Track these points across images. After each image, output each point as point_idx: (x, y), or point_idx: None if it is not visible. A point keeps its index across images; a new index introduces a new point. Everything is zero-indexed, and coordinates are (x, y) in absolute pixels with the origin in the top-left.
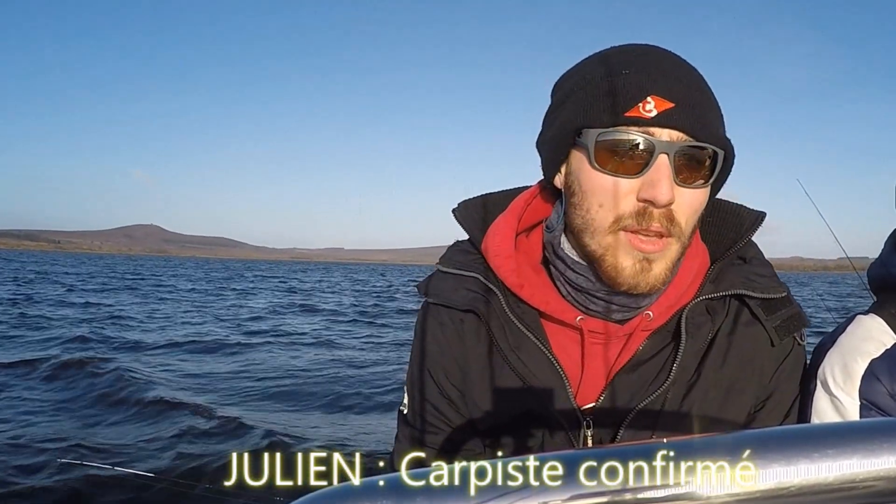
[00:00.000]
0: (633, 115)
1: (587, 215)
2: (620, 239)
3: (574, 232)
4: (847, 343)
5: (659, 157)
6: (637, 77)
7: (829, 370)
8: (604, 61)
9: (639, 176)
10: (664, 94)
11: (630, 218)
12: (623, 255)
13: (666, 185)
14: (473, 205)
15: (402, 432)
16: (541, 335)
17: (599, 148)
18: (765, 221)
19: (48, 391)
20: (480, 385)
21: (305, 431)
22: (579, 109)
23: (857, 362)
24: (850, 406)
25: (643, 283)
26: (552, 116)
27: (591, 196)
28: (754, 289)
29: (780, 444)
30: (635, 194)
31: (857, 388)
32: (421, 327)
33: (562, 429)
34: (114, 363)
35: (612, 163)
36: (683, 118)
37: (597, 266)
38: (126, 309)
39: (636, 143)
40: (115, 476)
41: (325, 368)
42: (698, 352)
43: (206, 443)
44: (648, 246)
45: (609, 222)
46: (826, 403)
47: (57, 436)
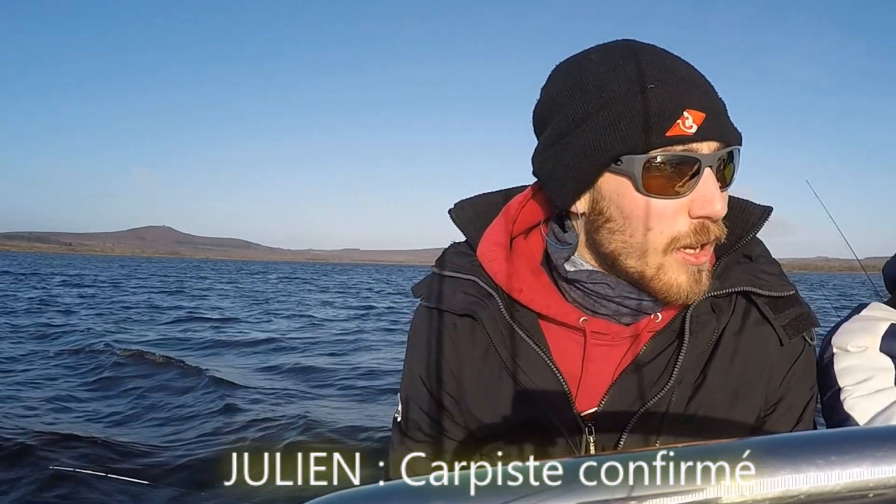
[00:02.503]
0: (675, 133)
1: (631, 240)
2: (675, 257)
3: (605, 253)
4: (867, 314)
5: (705, 172)
6: (666, 91)
7: (847, 335)
8: (618, 73)
9: (688, 194)
10: (696, 105)
11: (689, 237)
12: (678, 272)
13: (720, 200)
14: (470, 205)
15: (396, 440)
16: (540, 340)
17: (648, 173)
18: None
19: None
20: (476, 392)
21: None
22: (613, 133)
23: (878, 325)
24: (874, 355)
25: (696, 292)
26: (566, 139)
27: (637, 221)
28: (761, 286)
29: (788, 451)
30: (686, 212)
31: (878, 345)
32: (415, 331)
33: (562, 435)
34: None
35: (660, 185)
36: (718, 128)
37: (644, 283)
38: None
39: (684, 162)
40: (106, 481)
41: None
42: (703, 351)
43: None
44: (703, 258)
45: (663, 244)
46: (850, 360)
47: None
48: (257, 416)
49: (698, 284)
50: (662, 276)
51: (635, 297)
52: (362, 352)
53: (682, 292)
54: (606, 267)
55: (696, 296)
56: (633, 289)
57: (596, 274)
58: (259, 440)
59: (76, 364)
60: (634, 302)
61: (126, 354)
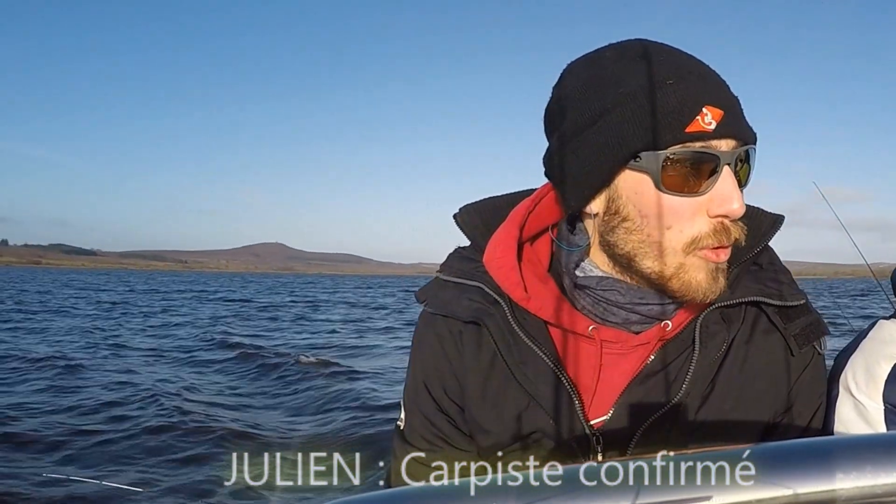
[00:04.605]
0: (694, 129)
1: (649, 239)
2: (696, 256)
3: (621, 255)
4: (870, 347)
5: (724, 170)
6: (684, 87)
7: (851, 375)
8: (635, 69)
9: (706, 192)
10: (714, 101)
11: (709, 237)
12: (698, 271)
13: (738, 198)
14: (475, 210)
15: (398, 448)
16: (548, 347)
17: (667, 170)
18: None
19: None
20: (482, 400)
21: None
22: (632, 128)
23: (880, 366)
24: (875, 410)
25: (715, 292)
26: (583, 136)
27: (655, 219)
28: (771, 296)
29: (794, 458)
30: (705, 211)
31: (880, 391)
32: (418, 338)
33: (570, 444)
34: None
35: (679, 183)
36: (736, 125)
37: (662, 283)
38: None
39: (704, 159)
40: (98, 490)
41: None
42: (713, 362)
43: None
44: (723, 256)
45: (684, 244)
46: (849, 409)
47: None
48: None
49: (716, 283)
50: (682, 275)
51: (646, 302)
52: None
53: (701, 290)
54: (620, 269)
55: (714, 294)
56: (644, 294)
57: (606, 280)
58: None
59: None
60: (645, 308)
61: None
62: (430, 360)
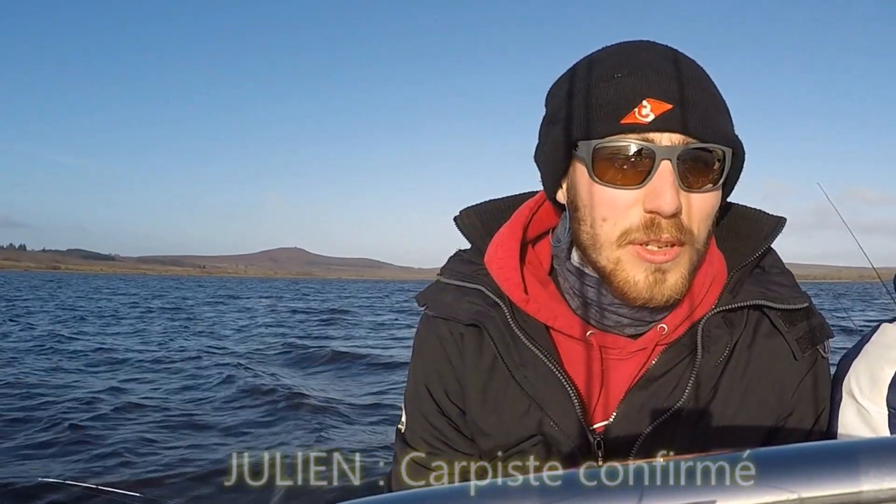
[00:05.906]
0: (629, 121)
1: (592, 230)
2: (630, 252)
3: (581, 247)
4: (873, 351)
5: (661, 164)
6: (631, 80)
7: (854, 379)
8: (594, 66)
9: (642, 186)
10: (660, 95)
11: (638, 231)
12: (634, 268)
13: (670, 194)
14: (476, 212)
15: (399, 451)
16: (548, 349)
17: (598, 159)
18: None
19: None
20: (483, 403)
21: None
22: (573, 120)
23: (883, 370)
24: (878, 416)
25: (658, 295)
26: (546, 129)
27: (593, 210)
28: (774, 299)
29: (797, 462)
30: (641, 205)
31: (884, 396)
32: (419, 341)
33: (570, 449)
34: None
35: (613, 174)
36: (683, 119)
37: (608, 281)
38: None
39: (635, 151)
40: (91, 494)
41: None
42: (716, 366)
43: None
44: (660, 256)
45: (616, 236)
46: (853, 414)
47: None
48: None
49: (659, 285)
50: (620, 272)
51: (618, 309)
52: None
53: (640, 291)
54: (589, 264)
55: (660, 297)
56: (619, 300)
57: (591, 278)
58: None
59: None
60: (626, 309)
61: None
62: (432, 362)
